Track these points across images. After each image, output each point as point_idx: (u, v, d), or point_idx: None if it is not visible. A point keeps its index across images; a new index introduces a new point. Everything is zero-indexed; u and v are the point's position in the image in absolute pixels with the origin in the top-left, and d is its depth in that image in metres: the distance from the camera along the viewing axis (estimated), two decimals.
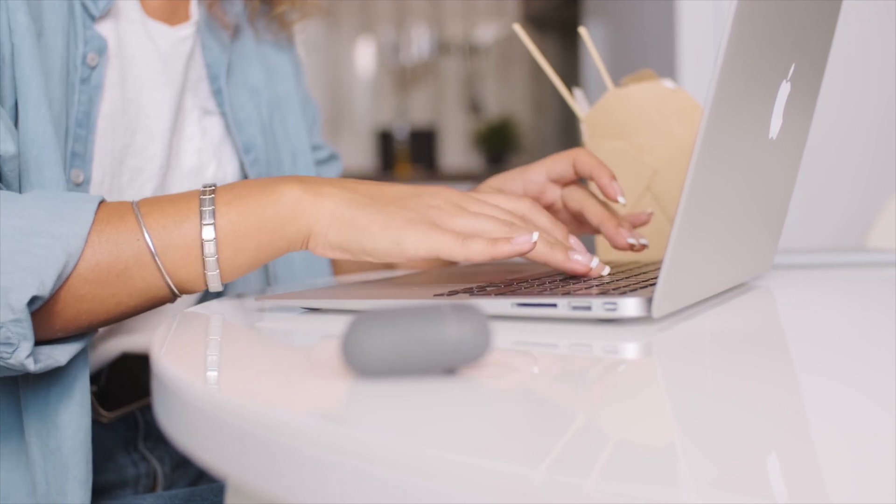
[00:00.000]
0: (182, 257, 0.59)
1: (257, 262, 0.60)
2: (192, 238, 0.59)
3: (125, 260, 0.58)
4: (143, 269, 0.58)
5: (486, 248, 0.57)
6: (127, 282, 0.58)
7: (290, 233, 0.60)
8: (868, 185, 1.89)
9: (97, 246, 0.57)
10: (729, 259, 0.61)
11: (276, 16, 0.93)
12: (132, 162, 0.77)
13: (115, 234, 0.58)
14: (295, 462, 0.31)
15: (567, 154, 0.74)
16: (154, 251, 0.58)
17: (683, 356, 0.45)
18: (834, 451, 0.28)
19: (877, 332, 0.52)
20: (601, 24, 2.53)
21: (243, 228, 0.59)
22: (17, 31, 0.64)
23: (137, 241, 0.58)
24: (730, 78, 0.47)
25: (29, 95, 0.65)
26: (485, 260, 0.58)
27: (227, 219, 0.59)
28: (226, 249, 0.59)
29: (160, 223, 0.59)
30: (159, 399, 0.43)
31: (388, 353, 0.36)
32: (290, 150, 0.92)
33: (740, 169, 0.55)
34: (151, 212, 0.59)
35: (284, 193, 0.59)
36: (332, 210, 0.59)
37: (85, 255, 0.57)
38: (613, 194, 0.71)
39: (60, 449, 0.63)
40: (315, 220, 0.59)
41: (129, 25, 0.77)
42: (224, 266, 0.59)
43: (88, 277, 0.57)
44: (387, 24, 4.41)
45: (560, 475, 0.26)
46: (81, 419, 0.64)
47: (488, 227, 0.60)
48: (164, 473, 0.85)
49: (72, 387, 0.64)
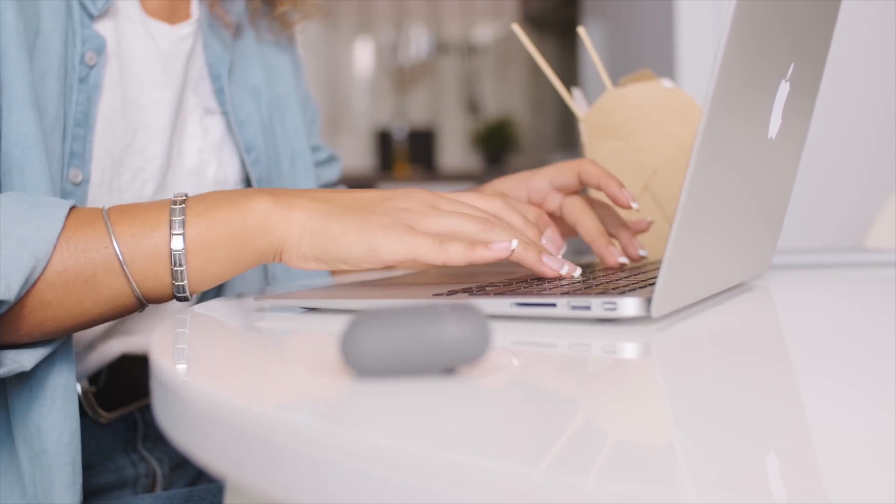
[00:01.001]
0: (150, 267, 0.58)
1: (226, 274, 0.60)
2: (160, 248, 0.58)
3: (93, 267, 0.57)
4: (110, 276, 0.58)
5: (464, 252, 0.57)
6: (94, 289, 0.58)
7: (261, 246, 0.59)
8: (867, 185, 1.89)
9: (65, 252, 0.57)
10: (728, 259, 0.61)
11: (277, 16, 0.93)
12: (132, 162, 0.77)
13: (84, 240, 0.57)
14: (294, 462, 0.31)
15: (572, 165, 0.74)
16: (122, 259, 0.58)
17: (682, 356, 0.45)
18: (833, 451, 0.28)
19: (876, 332, 0.52)
20: (600, 24, 2.53)
21: (212, 240, 0.59)
22: (4, 32, 0.64)
23: (106, 248, 0.58)
24: (729, 78, 0.47)
25: (13, 96, 0.64)
26: (462, 264, 0.57)
27: (196, 230, 0.58)
28: (194, 260, 0.59)
29: (129, 231, 0.58)
30: (158, 399, 0.43)
31: (387, 353, 0.36)
32: (289, 151, 0.92)
33: (739, 169, 0.55)
34: (121, 220, 0.59)
35: (255, 206, 0.59)
36: (303, 222, 0.59)
37: (53, 261, 0.56)
38: (626, 202, 0.71)
39: (45, 452, 0.63)
40: (286, 233, 0.59)
41: (129, 24, 0.77)
42: (192, 277, 0.59)
43: (55, 283, 0.57)
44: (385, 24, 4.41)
45: (559, 475, 0.26)
46: (66, 423, 0.64)
47: (463, 227, 0.59)
48: (163, 474, 0.85)
49: (54, 391, 0.63)
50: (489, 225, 0.59)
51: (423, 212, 0.60)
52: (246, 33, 0.90)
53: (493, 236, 0.59)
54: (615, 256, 0.70)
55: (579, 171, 0.73)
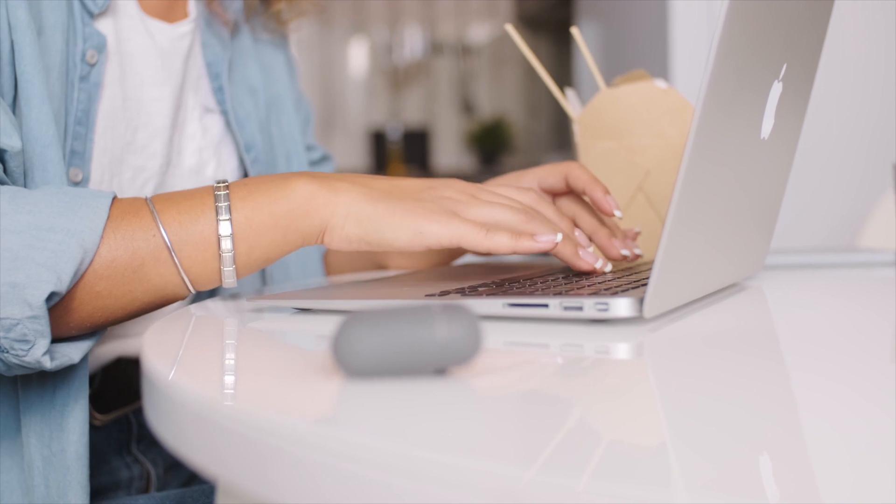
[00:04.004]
0: (198, 253, 0.58)
1: (273, 257, 0.60)
2: (208, 233, 0.58)
3: (141, 256, 0.57)
4: (159, 265, 0.58)
5: (510, 241, 0.58)
6: (143, 278, 0.58)
7: (305, 227, 0.60)
8: (859, 186, 1.90)
9: (112, 242, 0.57)
10: (721, 259, 0.61)
11: (273, 13, 0.93)
12: (134, 160, 0.76)
13: (131, 229, 0.57)
14: (284, 463, 0.31)
15: (560, 167, 0.74)
16: (171, 247, 0.58)
17: (675, 356, 0.45)
18: (827, 451, 0.28)
19: (869, 332, 0.52)
20: (594, 25, 2.53)
21: (259, 224, 0.59)
22: (17, 28, 0.64)
23: (154, 236, 0.57)
24: (721, 78, 0.47)
25: (31, 92, 0.64)
26: (507, 252, 0.58)
27: (242, 214, 0.59)
28: (242, 245, 0.59)
29: (176, 219, 0.58)
30: (150, 401, 0.43)
31: (378, 354, 0.36)
32: (284, 150, 0.92)
33: (732, 169, 0.55)
34: (166, 207, 0.59)
35: (298, 188, 0.59)
36: (348, 205, 0.59)
37: (101, 251, 0.56)
38: (609, 209, 0.71)
39: (65, 452, 0.63)
40: (331, 215, 0.59)
41: (128, 21, 0.77)
42: (240, 262, 0.59)
43: (104, 274, 0.57)
44: (380, 24, 4.41)
45: (551, 476, 0.26)
46: (84, 423, 0.64)
47: (506, 217, 0.60)
48: (156, 475, 0.85)
49: (77, 390, 0.64)
50: (530, 216, 0.61)
51: (467, 201, 0.61)
52: (242, 32, 0.90)
53: (536, 228, 0.60)
54: (618, 248, 0.71)
55: (567, 174, 0.74)
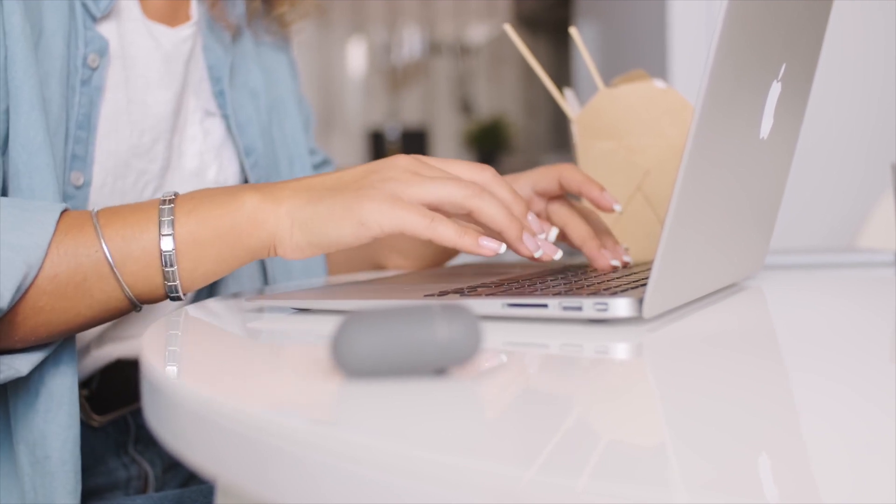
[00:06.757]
0: (141, 269, 0.58)
1: (219, 271, 0.60)
2: (150, 249, 0.58)
3: (84, 272, 0.57)
4: (101, 280, 0.58)
5: (453, 236, 0.57)
6: (86, 293, 0.58)
7: (252, 243, 0.59)
8: (859, 186, 1.90)
9: (56, 257, 0.56)
10: (720, 259, 0.61)
11: (275, 16, 0.92)
12: (138, 163, 0.76)
13: (74, 245, 0.57)
14: (284, 463, 0.31)
15: (553, 170, 0.74)
16: (112, 263, 0.57)
17: (674, 356, 0.45)
18: (827, 451, 0.28)
19: (868, 332, 0.52)
20: (593, 25, 2.53)
21: (202, 238, 0.58)
22: (10, 34, 0.64)
23: (96, 252, 0.57)
24: (720, 78, 0.47)
25: (20, 99, 0.64)
26: (449, 245, 0.57)
27: (186, 229, 0.58)
28: (185, 260, 0.58)
29: (119, 234, 0.58)
30: (149, 401, 0.42)
31: (378, 354, 0.36)
32: (287, 154, 0.92)
33: (731, 169, 0.55)
34: (110, 222, 0.58)
35: (243, 202, 0.59)
36: (291, 213, 0.58)
37: (44, 267, 0.56)
38: (608, 205, 0.71)
39: (49, 458, 0.63)
40: (277, 227, 0.58)
41: (131, 24, 0.76)
42: (184, 276, 0.58)
43: (47, 289, 0.56)
44: (378, 24, 4.40)
45: (551, 476, 0.26)
46: (70, 429, 0.64)
47: (449, 193, 0.58)
48: (154, 476, 0.84)
49: (61, 397, 0.63)
50: (475, 190, 0.58)
51: (408, 180, 0.58)
52: (244, 36, 0.90)
53: (482, 204, 0.58)
54: (607, 259, 0.70)
55: (560, 176, 0.73)
